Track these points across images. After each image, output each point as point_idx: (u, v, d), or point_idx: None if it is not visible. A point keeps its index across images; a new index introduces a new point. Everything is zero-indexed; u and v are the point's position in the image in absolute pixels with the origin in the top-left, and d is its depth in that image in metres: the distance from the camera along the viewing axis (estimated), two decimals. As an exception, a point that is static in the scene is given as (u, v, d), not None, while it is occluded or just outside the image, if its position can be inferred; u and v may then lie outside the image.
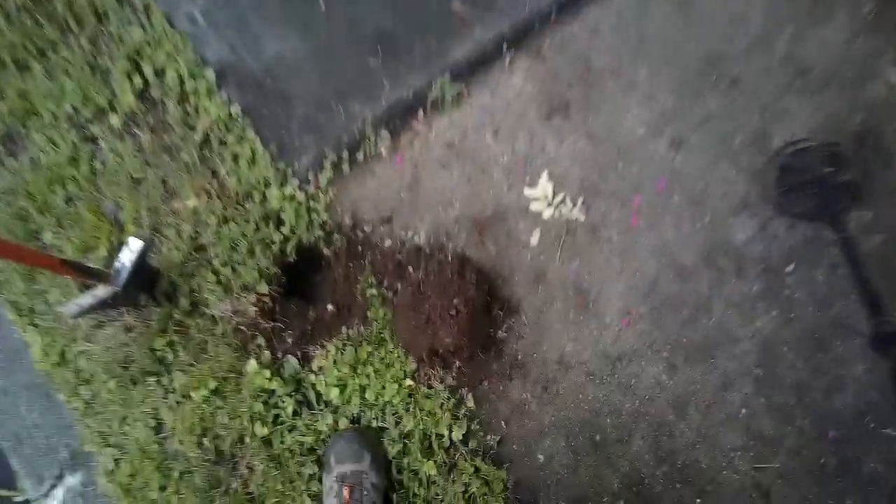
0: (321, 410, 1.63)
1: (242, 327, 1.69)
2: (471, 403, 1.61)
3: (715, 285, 1.66)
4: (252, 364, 1.61)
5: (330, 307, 1.72)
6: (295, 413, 1.63)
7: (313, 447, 1.60)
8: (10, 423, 1.84)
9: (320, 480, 1.58)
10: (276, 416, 1.62)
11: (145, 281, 1.63)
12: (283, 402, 1.63)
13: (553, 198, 1.73)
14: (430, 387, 1.60)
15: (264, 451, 1.59)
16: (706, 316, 1.65)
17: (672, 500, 1.54)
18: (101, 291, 1.50)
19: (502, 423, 1.62)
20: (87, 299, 1.48)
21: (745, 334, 1.63)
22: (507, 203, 1.74)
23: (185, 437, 1.60)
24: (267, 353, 1.66)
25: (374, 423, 1.61)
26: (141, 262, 1.55)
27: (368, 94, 1.75)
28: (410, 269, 1.71)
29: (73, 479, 1.79)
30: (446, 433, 1.57)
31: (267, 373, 1.61)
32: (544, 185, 1.73)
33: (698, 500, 1.54)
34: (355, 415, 1.62)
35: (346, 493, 1.44)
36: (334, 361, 1.63)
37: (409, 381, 1.60)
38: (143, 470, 1.61)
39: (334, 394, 1.60)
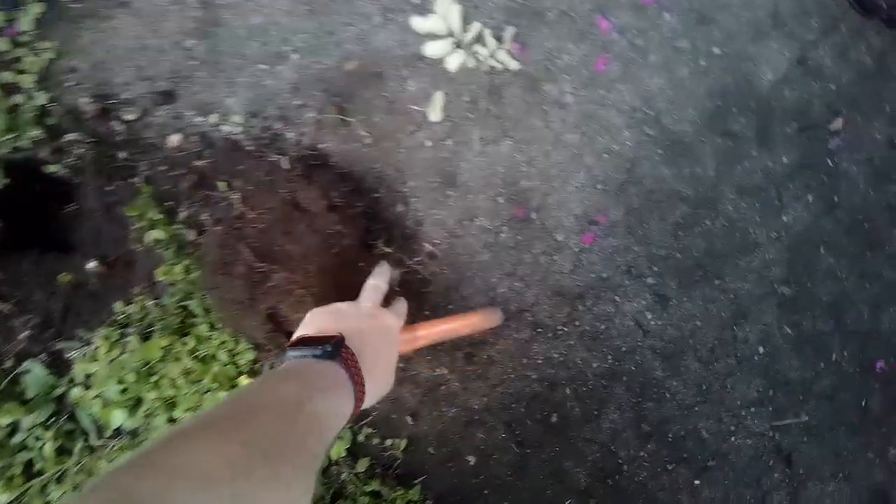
0: (108, 441, 0.98)
1: (-68, 320, 0.94)
2: (354, 397, 0.99)
3: (725, 162, 1.04)
4: (-47, 390, 0.90)
5: (91, 265, 0.98)
6: (61, 452, 0.97)
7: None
8: None
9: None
10: (28, 464, 0.96)
11: None
12: (36, 439, 0.96)
13: (463, 31, 0.97)
14: (283, 382, 0.97)
15: (18, 519, 0.96)
16: (710, 214, 1.05)
17: (663, 487, 1.07)
18: None
19: (407, 418, 1.03)
20: None
21: (766, 236, 1.06)
22: (382, 46, 0.97)
23: None
24: (-14, 360, 0.95)
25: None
26: None
27: None
28: (223, 185, 0.97)
29: None
30: (319, 449, 0.97)
31: (-13, 399, 0.91)
32: (446, 8, 0.96)
33: (697, 482, 1.07)
34: (166, 440, 0.98)
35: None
36: (110, 362, 0.94)
37: (246, 380, 0.96)
38: None
39: (120, 417, 0.94)
